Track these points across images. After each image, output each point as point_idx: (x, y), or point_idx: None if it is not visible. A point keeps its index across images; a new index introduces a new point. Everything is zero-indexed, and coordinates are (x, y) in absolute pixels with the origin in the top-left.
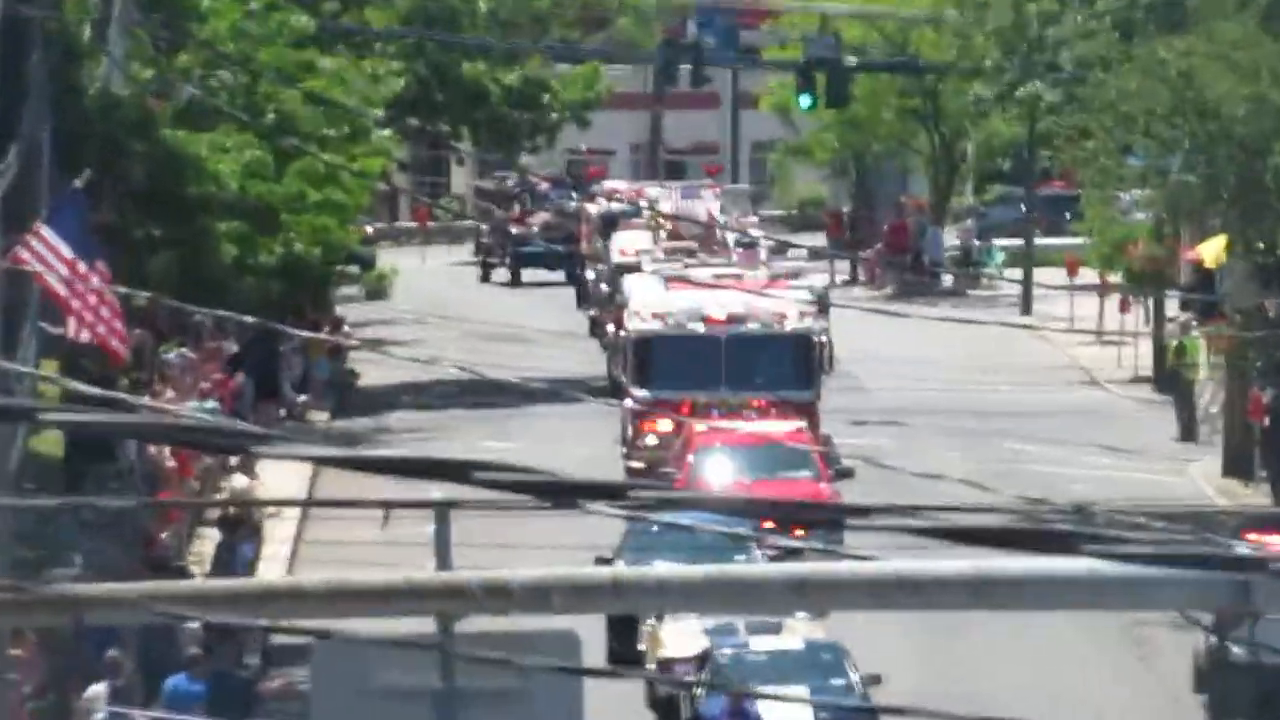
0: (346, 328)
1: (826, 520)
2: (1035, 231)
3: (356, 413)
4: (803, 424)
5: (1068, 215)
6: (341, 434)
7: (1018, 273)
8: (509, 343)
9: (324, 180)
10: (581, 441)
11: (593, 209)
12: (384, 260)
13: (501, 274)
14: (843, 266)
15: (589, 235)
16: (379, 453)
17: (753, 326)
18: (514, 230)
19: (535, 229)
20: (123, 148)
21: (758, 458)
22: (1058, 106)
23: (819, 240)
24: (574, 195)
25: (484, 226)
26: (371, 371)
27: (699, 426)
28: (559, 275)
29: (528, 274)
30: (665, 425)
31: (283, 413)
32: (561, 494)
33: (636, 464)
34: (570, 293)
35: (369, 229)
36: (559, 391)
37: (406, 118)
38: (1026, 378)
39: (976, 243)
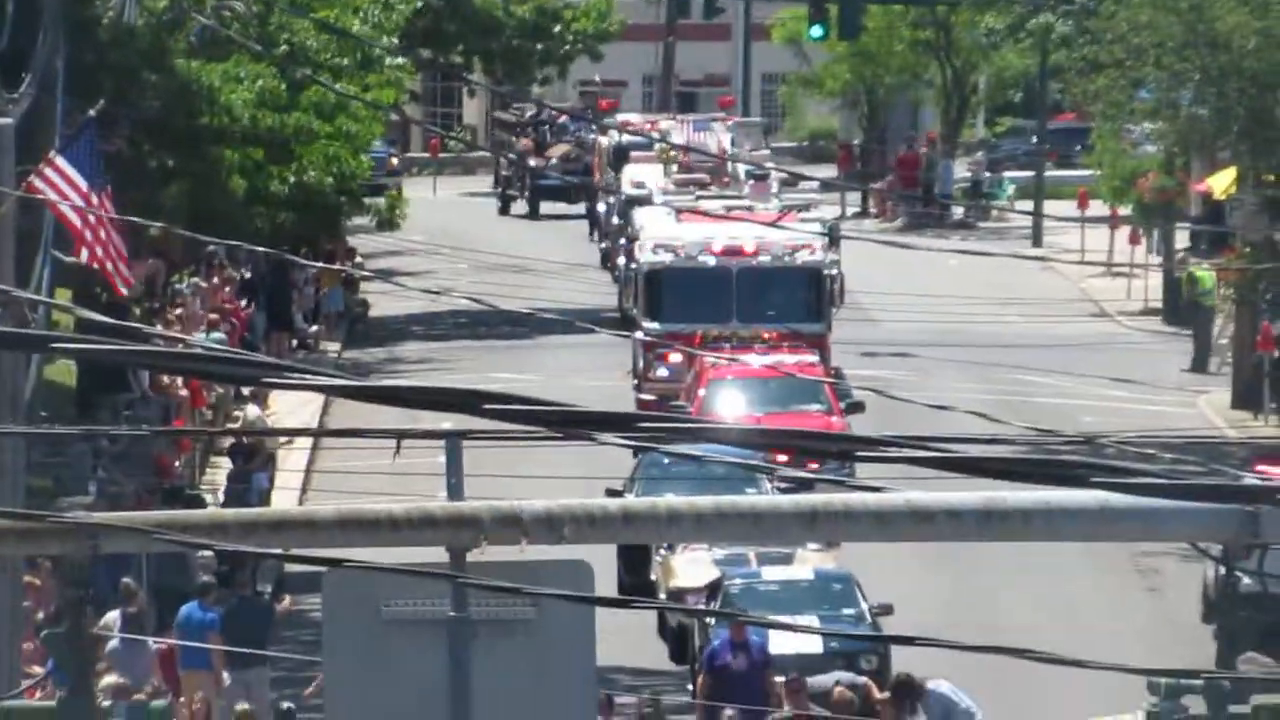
0: (358, 258)
1: (837, 452)
2: (1046, 164)
3: (368, 343)
4: (814, 356)
5: (1078, 148)
6: (353, 364)
7: (1028, 205)
8: (520, 274)
9: (336, 110)
10: (593, 374)
11: (604, 141)
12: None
13: (520, 207)
14: (854, 199)
15: (600, 167)
16: (390, 383)
17: (764, 259)
18: (532, 162)
19: (554, 161)
20: (136, 78)
21: (769, 390)
22: (1069, 39)
23: (830, 173)
24: (593, 128)
25: (503, 159)
26: (383, 302)
27: (710, 359)
28: (579, 209)
29: (546, 207)
30: (676, 358)
31: (294, 343)
32: (571, 425)
33: (648, 396)
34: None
35: (394, 159)
36: (570, 323)
37: (418, 48)
38: (1037, 310)
39: (987, 175)
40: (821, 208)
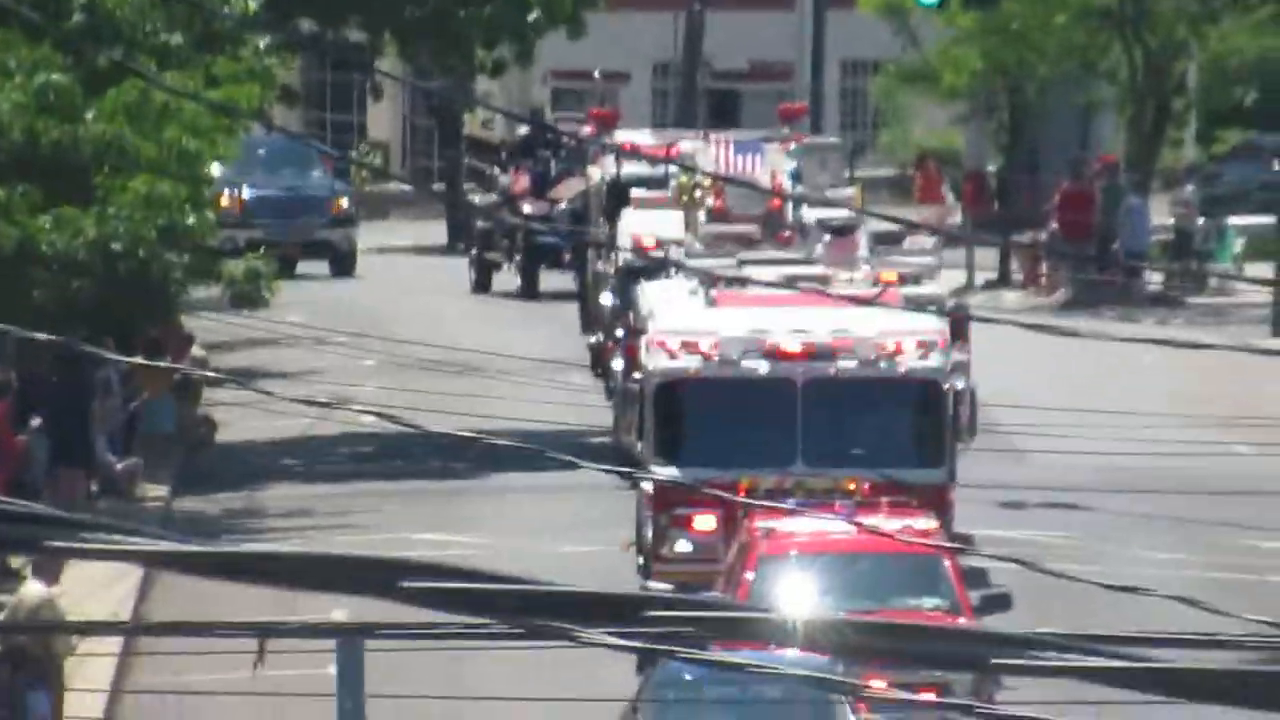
0: (199, 351)
1: (968, 659)
2: None
3: (214, 485)
4: (929, 521)
5: None
6: (189, 518)
7: (1267, 271)
8: (462, 377)
9: (162, 118)
10: (576, 536)
11: (594, 173)
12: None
13: (507, 279)
14: (988, 258)
15: (591, 214)
16: (251, 548)
17: (847, 364)
18: (528, 209)
19: (563, 206)
20: None
21: (858, 575)
22: None
23: (952, 218)
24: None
25: (479, 199)
26: (240, 420)
27: (763, 525)
28: None
29: (551, 280)
30: (707, 521)
31: (95, 484)
32: (537, 614)
33: (660, 585)
34: None
35: (343, 200)
36: (539, 453)
37: (296, 18)
38: None
39: (1201, 222)
40: (940, 277)
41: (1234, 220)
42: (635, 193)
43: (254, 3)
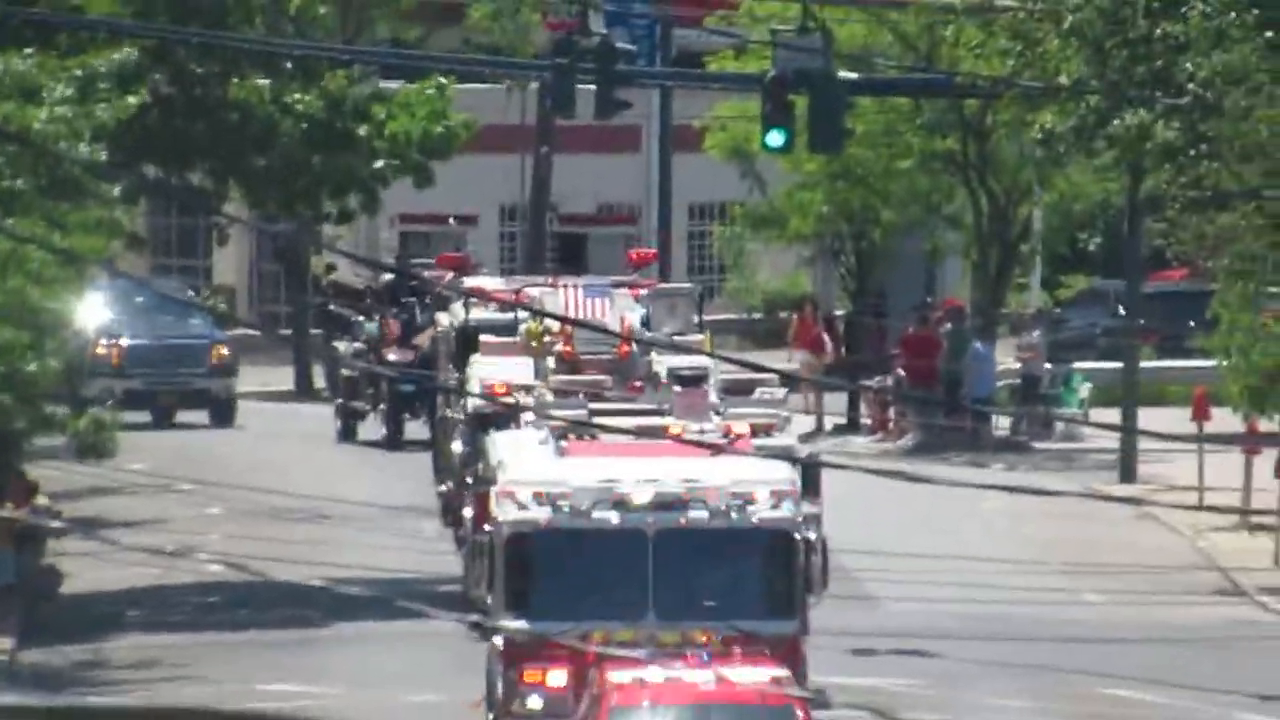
0: (42, 499)
1: None
2: (1140, 351)
3: (58, 637)
4: (781, 670)
5: (1191, 324)
6: (32, 670)
7: (1113, 416)
8: (314, 524)
9: (6, 265)
10: (423, 685)
11: (444, 319)
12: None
13: (372, 427)
14: (836, 404)
15: (440, 362)
16: (96, 702)
17: (699, 514)
18: (392, 356)
19: (425, 348)
20: None
21: None
22: (1174, 149)
23: (799, 361)
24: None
25: (342, 350)
26: (86, 571)
27: (614, 676)
28: None
29: (416, 429)
30: (558, 677)
31: None
32: None
33: None
34: None
35: (224, 349)
36: (388, 602)
37: (142, 161)
38: (1128, 582)
39: (1047, 367)
40: (791, 426)
41: (1080, 365)
42: (484, 338)
43: (98, 151)
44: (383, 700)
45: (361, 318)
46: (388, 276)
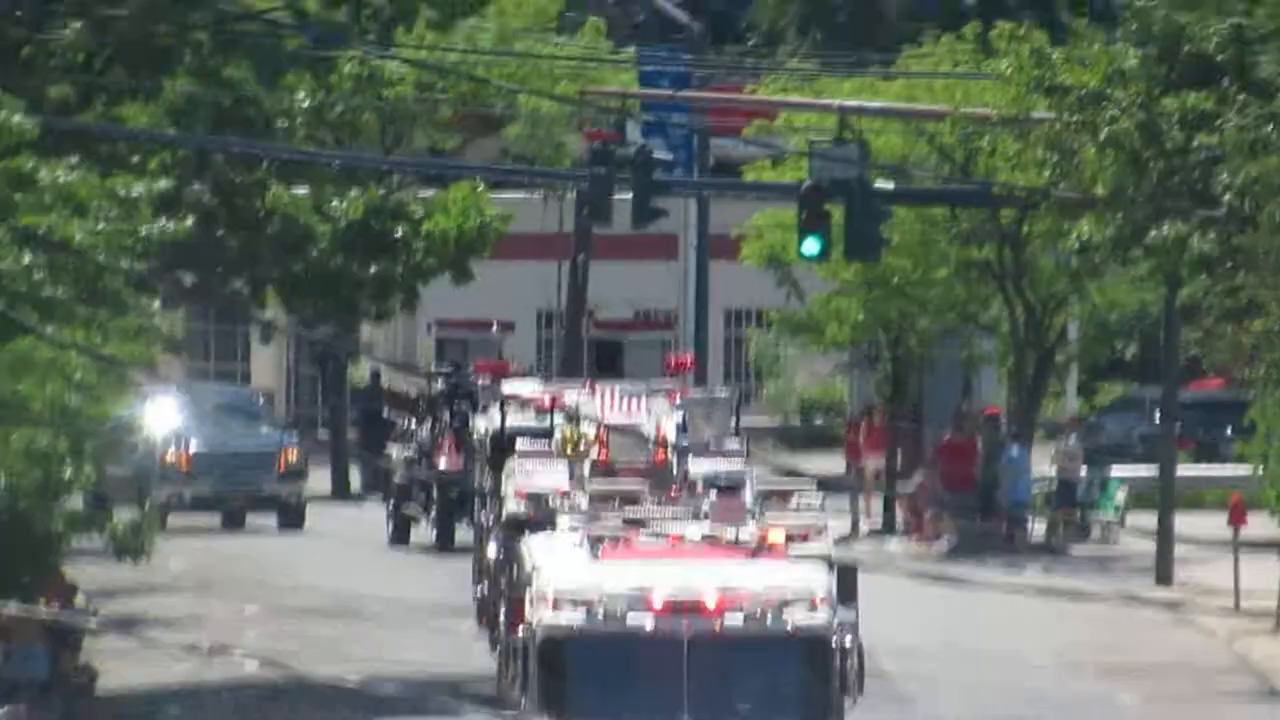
0: (81, 598)
1: None
2: (1177, 457)
3: None
4: None
5: (1229, 431)
6: None
7: (1150, 521)
8: (347, 624)
9: (47, 372)
10: None
11: (481, 424)
12: None
13: (424, 532)
14: (872, 510)
15: (476, 467)
16: None
17: (734, 621)
18: (443, 464)
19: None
20: None
21: None
22: (1210, 260)
23: (836, 466)
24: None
25: (392, 457)
26: (121, 668)
27: None
28: None
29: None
30: None
31: None
32: None
33: None
34: None
35: (293, 450)
36: (418, 700)
37: (180, 269)
38: (1166, 685)
39: (1084, 473)
40: (829, 532)
41: (1116, 471)
42: (520, 443)
43: (140, 265)
44: None
45: (413, 422)
46: (440, 384)
